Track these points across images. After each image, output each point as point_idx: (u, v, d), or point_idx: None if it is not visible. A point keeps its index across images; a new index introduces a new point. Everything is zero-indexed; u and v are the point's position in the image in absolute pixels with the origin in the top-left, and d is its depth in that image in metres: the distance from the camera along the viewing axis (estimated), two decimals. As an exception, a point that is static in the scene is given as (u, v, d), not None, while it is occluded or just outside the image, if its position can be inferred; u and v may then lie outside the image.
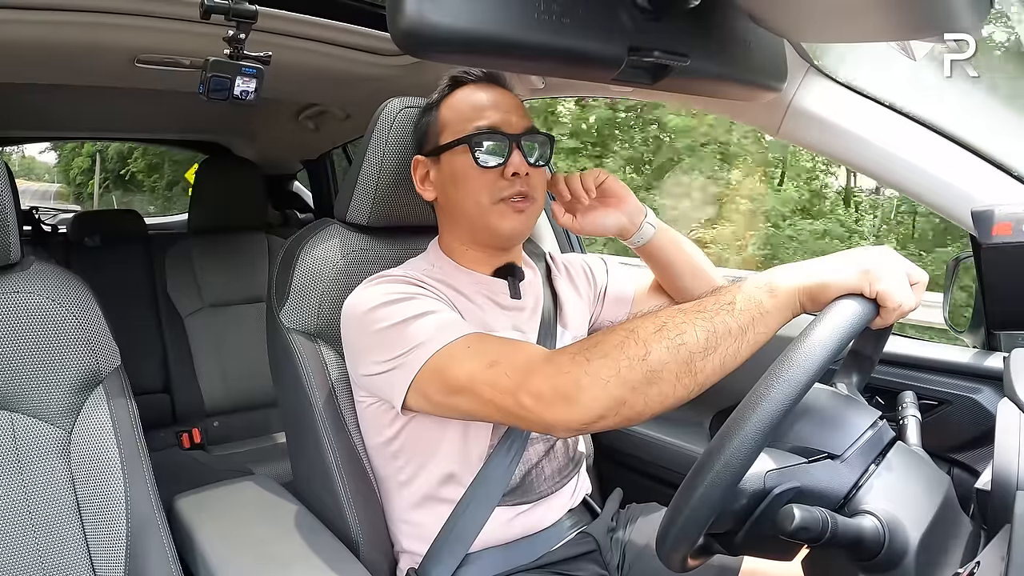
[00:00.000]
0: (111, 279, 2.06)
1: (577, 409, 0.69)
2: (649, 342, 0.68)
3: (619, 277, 1.15)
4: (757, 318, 0.68)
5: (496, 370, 0.75)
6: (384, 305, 0.84)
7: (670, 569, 0.62)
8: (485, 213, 0.91)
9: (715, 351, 0.67)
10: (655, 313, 0.71)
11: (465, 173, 0.91)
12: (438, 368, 0.79)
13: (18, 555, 0.81)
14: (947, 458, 1.00)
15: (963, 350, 1.01)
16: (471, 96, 0.94)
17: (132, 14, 1.12)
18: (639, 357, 0.67)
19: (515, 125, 0.92)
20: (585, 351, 0.71)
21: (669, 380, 0.67)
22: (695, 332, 0.67)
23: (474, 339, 0.80)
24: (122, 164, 14.89)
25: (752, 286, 0.70)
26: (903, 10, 0.61)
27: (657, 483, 1.28)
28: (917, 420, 0.73)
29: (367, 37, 1.32)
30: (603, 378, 0.68)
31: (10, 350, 0.84)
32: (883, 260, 0.67)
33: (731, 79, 0.80)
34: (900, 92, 0.92)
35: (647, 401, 0.68)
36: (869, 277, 0.65)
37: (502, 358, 0.76)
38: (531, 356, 0.75)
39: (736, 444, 0.55)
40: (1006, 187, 0.85)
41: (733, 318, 0.68)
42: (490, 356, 0.76)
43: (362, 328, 0.86)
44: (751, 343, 0.68)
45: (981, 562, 0.53)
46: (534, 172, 0.92)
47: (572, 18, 0.61)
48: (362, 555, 0.94)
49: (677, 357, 0.67)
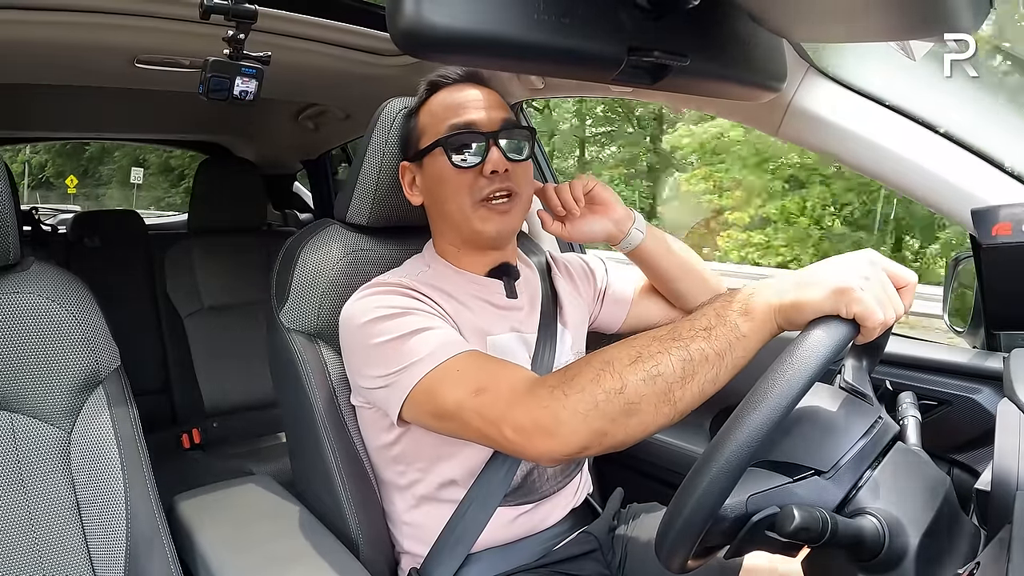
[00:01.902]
0: (111, 279, 2.06)
1: (558, 442, 0.70)
2: (625, 374, 0.67)
3: (618, 278, 1.16)
4: (734, 342, 0.66)
5: (482, 399, 0.76)
6: (379, 320, 0.84)
7: (670, 571, 0.62)
8: (468, 217, 0.91)
9: (693, 379, 0.66)
10: (631, 342, 0.70)
11: (444, 175, 0.91)
12: (429, 390, 0.80)
13: (18, 556, 0.81)
14: (947, 458, 1.00)
15: (963, 350, 1.01)
16: (447, 98, 0.94)
17: (132, 14, 1.12)
18: (616, 390, 0.67)
19: (492, 122, 0.91)
20: (564, 384, 0.70)
21: (648, 411, 0.67)
22: (671, 361, 0.66)
23: (464, 361, 0.80)
24: (41, 171, 23.11)
25: (728, 308, 0.67)
26: (903, 10, 0.61)
27: (657, 483, 1.28)
28: (917, 420, 0.73)
29: (367, 37, 1.32)
30: (581, 412, 0.68)
31: (10, 351, 0.84)
32: (861, 272, 0.62)
33: (731, 79, 0.79)
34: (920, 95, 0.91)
35: (628, 431, 0.68)
36: (844, 298, 0.61)
37: (489, 385, 0.76)
38: (515, 386, 0.75)
39: (717, 470, 0.55)
40: (1006, 187, 0.85)
41: (709, 344, 0.66)
42: (477, 382, 0.77)
43: (358, 341, 0.87)
44: (730, 367, 0.66)
45: (981, 562, 0.54)
46: (515, 167, 0.91)
47: (572, 18, 0.61)
48: (362, 555, 0.94)
49: (654, 388, 0.66)
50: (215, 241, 2.15)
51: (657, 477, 1.28)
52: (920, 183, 0.90)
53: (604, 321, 1.15)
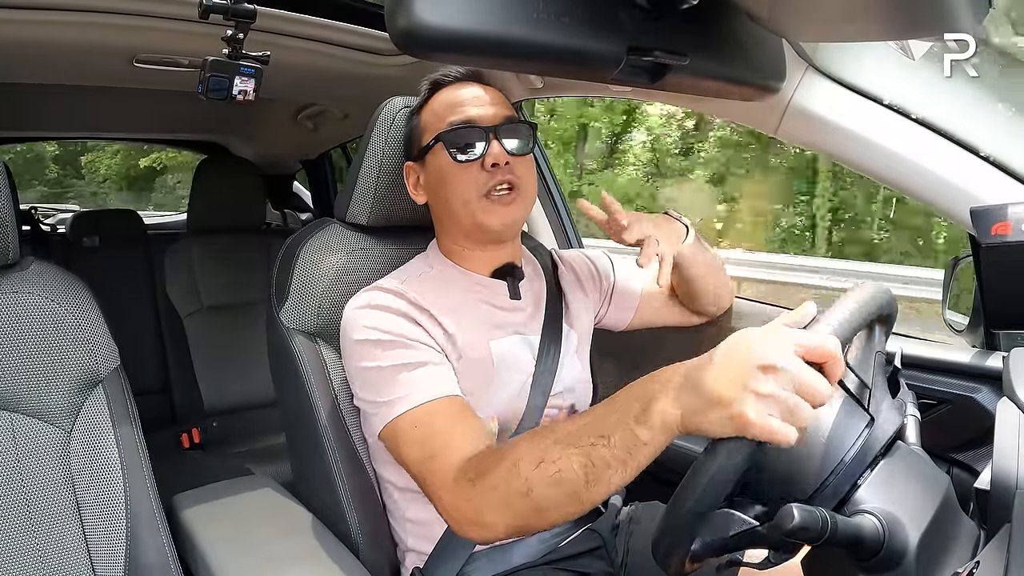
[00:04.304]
0: (110, 279, 2.07)
1: (487, 532, 0.75)
2: (531, 479, 0.69)
3: (626, 275, 1.15)
4: (635, 449, 0.63)
5: (428, 467, 0.80)
6: (369, 344, 0.87)
7: (667, 575, 0.63)
8: (472, 211, 0.91)
9: (598, 481, 0.65)
10: (537, 440, 0.71)
11: (446, 171, 0.92)
12: (394, 436, 0.84)
13: (18, 555, 0.81)
14: (947, 458, 1.00)
15: (962, 349, 1.01)
16: (449, 96, 0.95)
17: (131, 14, 1.12)
18: (523, 492, 0.69)
19: (492, 117, 0.92)
20: (480, 478, 0.74)
21: (558, 509, 0.69)
22: (573, 467, 0.66)
23: (427, 416, 0.82)
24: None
25: (628, 415, 0.64)
26: (902, 10, 0.61)
27: (658, 483, 1.27)
28: (917, 420, 0.73)
29: (366, 37, 1.32)
30: (497, 508, 0.72)
31: (9, 350, 0.84)
32: (755, 384, 0.55)
33: (730, 79, 0.79)
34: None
35: (548, 521, 0.72)
36: (736, 423, 0.55)
37: (438, 454, 0.80)
38: (447, 471, 0.78)
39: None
40: (1005, 187, 0.85)
41: (610, 451, 0.64)
42: (431, 449, 0.80)
43: (349, 355, 0.90)
44: (636, 468, 0.64)
45: (981, 562, 0.54)
46: (517, 161, 0.92)
47: (571, 17, 0.61)
48: (362, 555, 0.94)
49: (559, 491, 0.67)
50: (214, 241, 2.15)
51: (657, 477, 1.28)
52: (919, 182, 0.90)
53: (611, 320, 1.15)
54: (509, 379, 0.93)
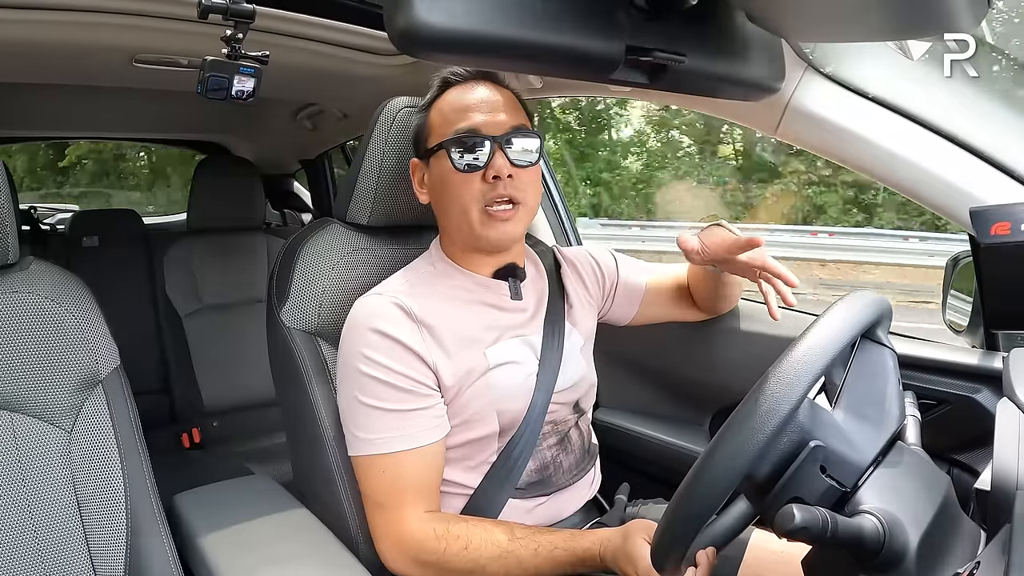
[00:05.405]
0: (110, 279, 2.07)
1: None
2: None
3: (631, 272, 1.15)
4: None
5: (379, 512, 0.90)
6: (360, 374, 0.89)
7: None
8: (471, 221, 0.90)
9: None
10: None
11: (448, 178, 0.90)
12: (362, 467, 0.91)
13: (18, 555, 0.81)
14: (947, 458, 1.00)
15: (962, 350, 1.01)
16: (457, 97, 0.93)
17: (130, 14, 1.12)
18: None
19: (500, 125, 0.90)
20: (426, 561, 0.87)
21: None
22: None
23: (393, 467, 0.88)
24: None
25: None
26: (901, 10, 0.61)
27: (658, 483, 1.28)
28: (917, 420, 0.73)
29: (365, 37, 1.32)
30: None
31: (9, 350, 0.84)
32: None
33: (729, 79, 0.79)
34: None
35: None
36: None
37: (391, 508, 0.89)
38: (394, 524, 0.89)
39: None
40: (1005, 187, 0.85)
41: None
42: (384, 498, 0.89)
43: (343, 370, 0.92)
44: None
45: (981, 562, 0.54)
46: (521, 173, 0.90)
47: (570, 17, 0.61)
48: (362, 555, 0.94)
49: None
50: (214, 240, 2.15)
51: (657, 477, 1.28)
52: (919, 182, 0.90)
53: (615, 315, 1.15)
54: (509, 382, 0.93)
